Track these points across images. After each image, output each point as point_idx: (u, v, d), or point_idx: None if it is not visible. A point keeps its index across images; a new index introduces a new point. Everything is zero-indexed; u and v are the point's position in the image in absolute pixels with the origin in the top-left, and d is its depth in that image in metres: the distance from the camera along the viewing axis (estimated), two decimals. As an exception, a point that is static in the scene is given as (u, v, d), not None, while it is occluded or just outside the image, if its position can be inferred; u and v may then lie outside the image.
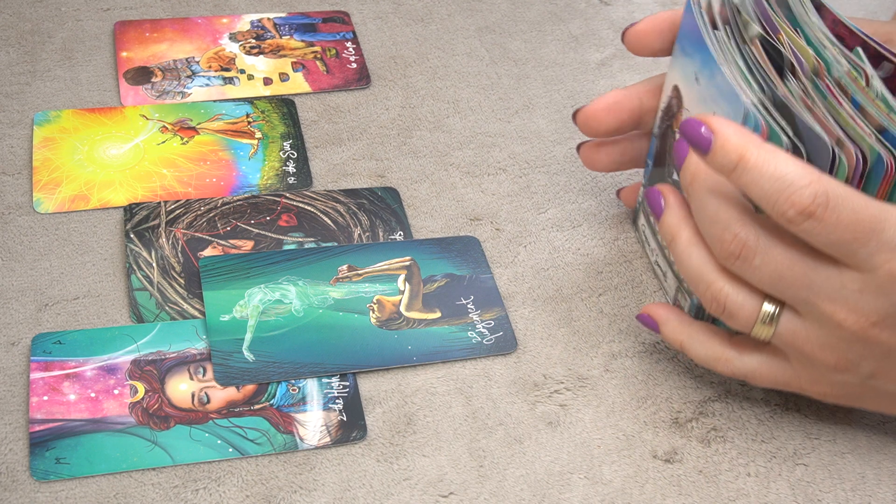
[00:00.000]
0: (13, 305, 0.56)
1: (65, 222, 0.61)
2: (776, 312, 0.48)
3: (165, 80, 0.70)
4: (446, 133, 0.69)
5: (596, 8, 0.80)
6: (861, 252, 0.44)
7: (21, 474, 0.49)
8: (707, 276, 0.49)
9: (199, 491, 0.49)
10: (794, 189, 0.43)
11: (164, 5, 0.76)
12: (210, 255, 0.59)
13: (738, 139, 0.45)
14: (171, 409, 0.52)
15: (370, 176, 0.65)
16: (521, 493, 0.50)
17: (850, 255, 0.44)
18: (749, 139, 0.45)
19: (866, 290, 0.45)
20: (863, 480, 0.52)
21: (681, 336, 0.52)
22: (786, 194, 0.44)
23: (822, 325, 0.46)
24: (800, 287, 0.46)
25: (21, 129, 0.66)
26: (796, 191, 0.43)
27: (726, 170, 0.45)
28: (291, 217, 0.62)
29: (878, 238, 0.43)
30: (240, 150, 0.66)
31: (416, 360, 0.55)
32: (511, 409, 0.54)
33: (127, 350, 0.54)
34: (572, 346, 0.57)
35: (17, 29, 0.73)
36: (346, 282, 0.58)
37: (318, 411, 0.53)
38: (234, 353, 0.54)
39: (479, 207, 0.64)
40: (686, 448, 0.53)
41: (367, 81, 0.72)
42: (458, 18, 0.78)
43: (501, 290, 0.59)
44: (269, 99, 0.70)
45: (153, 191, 0.63)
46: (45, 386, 0.52)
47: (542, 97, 0.72)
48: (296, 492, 0.50)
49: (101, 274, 0.58)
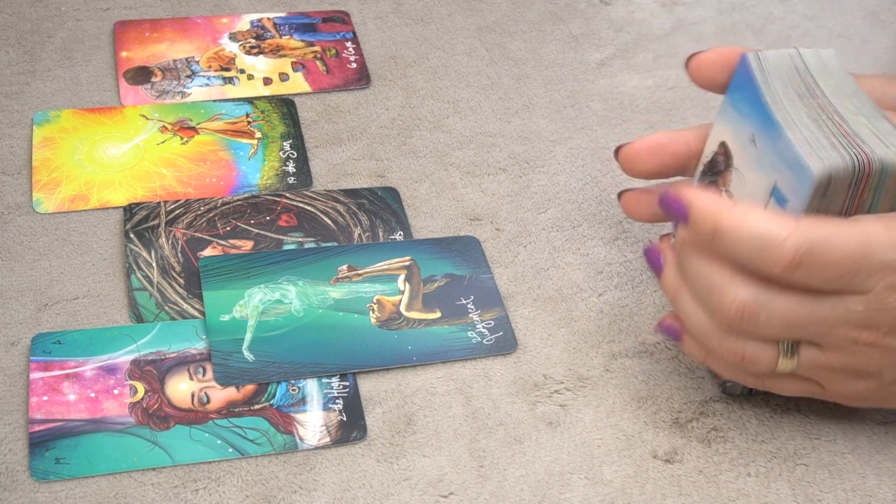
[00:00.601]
0: (13, 305, 0.56)
1: (65, 222, 0.61)
2: (794, 346, 0.48)
3: (165, 79, 0.70)
4: (446, 133, 0.69)
5: (596, 8, 0.80)
6: (856, 280, 0.44)
7: (21, 474, 0.49)
8: (716, 335, 0.48)
9: (199, 491, 0.49)
10: (774, 246, 0.44)
11: (164, 5, 0.76)
12: (210, 255, 0.59)
13: (710, 208, 0.45)
14: (171, 409, 0.52)
15: (370, 176, 0.65)
16: (521, 493, 0.50)
17: (847, 285, 0.45)
18: (721, 206, 0.45)
19: (871, 309, 0.45)
20: (863, 480, 0.52)
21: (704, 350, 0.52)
22: (767, 253, 0.44)
23: (840, 348, 0.47)
24: (810, 325, 0.46)
25: (21, 129, 0.66)
26: (777, 247, 0.44)
27: (706, 240, 0.46)
28: (291, 217, 0.62)
29: (869, 264, 0.44)
30: (240, 150, 0.66)
31: (416, 360, 0.55)
32: (511, 409, 0.54)
33: (127, 350, 0.54)
34: (572, 346, 0.57)
35: (17, 29, 0.73)
36: (346, 282, 0.58)
37: (318, 411, 0.53)
38: (234, 353, 0.54)
39: (479, 207, 0.64)
40: (686, 448, 0.53)
41: (367, 81, 0.72)
42: (458, 18, 0.78)
43: (501, 290, 0.59)
44: (269, 99, 0.70)
45: (153, 191, 0.63)
46: (45, 386, 0.52)
47: (542, 97, 0.72)
48: (296, 492, 0.50)
49: (101, 274, 0.58)
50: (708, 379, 0.56)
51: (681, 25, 0.79)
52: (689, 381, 0.56)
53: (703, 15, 0.80)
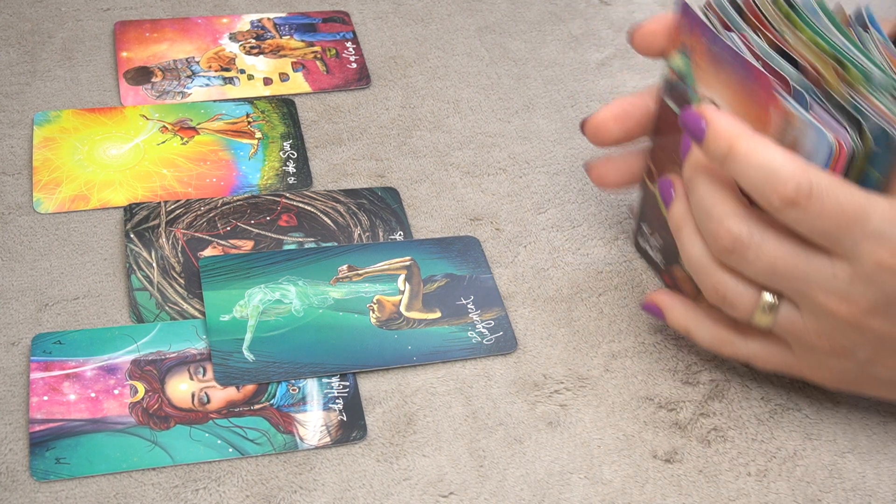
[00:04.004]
0: (13, 305, 0.56)
1: (65, 222, 0.61)
2: (775, 302, 0.48)
3: (165, 80, 0.70)
4: (446, 133, 0.69)
5: (596, 8, 0.80)
6: (846, 241, 0.45)
7: (21, 474, 0.49)
8: (707, 267, 0.50)
9: (199, 491, 0.49)
10: (779, 178, 0.45)
11: (164, 5, 0.76)
12: (210, 255, 0.59)
13: (729, 129, 0.46)
14: (171, 409, 0.52)
15: (370, 176, 0.65)
16: (521, 493, 0.50)
17: (836, 243, 0.45)
18: (740, 130, 0.46)
19: (856, 280, 0.45)
20: (863, 480, 0.52)
21: (686, 321, 0.53)
22: (771, 184, 0.45)
23: (818, 315, 0.47)
24: (794, 279, 0.47)
25: (21, 129, 0.66)
26: (781, 180, 0.45)
27: (718, 159, 0.47)
28: (291, 217, 0.62)
29: (863, 227, 0.44)
30: (240, 150, 0.66)
31: (416, 360, 0.55)
32: (511, 409, 0.54)
33: (127, 350, 0.54)
34: (572, 346, 0.57)
35: (17, 29, 0.73)
36: (346, 282, 0.58)
37: (318, 411, 0.53)
38: (234, 353, 0.54)
39: (479, 207, 0.64)
40: (686, 448, 0.53)
41: (367, 81, 0.72)
42: (458, 18, 0.78)
43: (501, 290, 0.59)
44: (269, 99, 0.70)
45: (153, 191, 0.63)
46: (45, 386, 0.52)
47: (542, 97, 0.72)
48: (296, 492, 0.50)
49: (101, 274, 0.58)
50: (708, 378, 0.56)
51: (681, 25, 0.79)
52: (689, 380, 0.56)
53: (703, 15, 0.80)
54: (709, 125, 0.47)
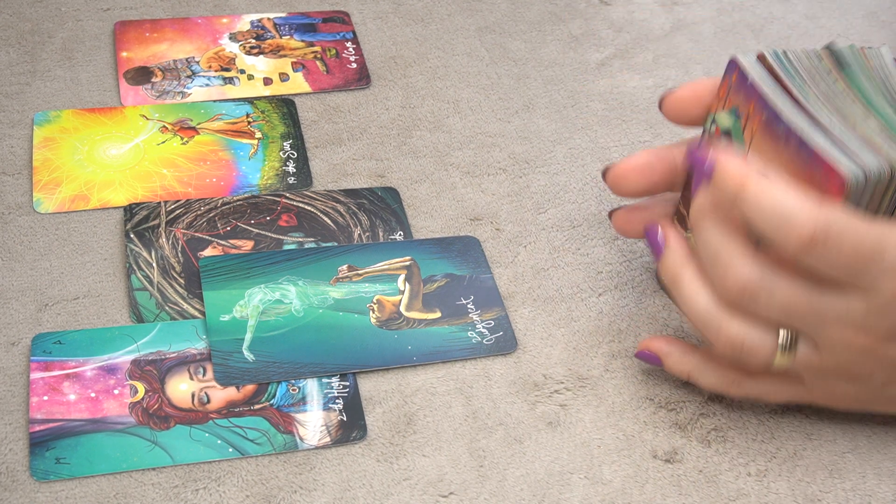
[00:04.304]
0: (13, 305, 0.56)
1: (65, 222, 0.61)
2: (792, 341, 0.47)
3: (165, 80, 0.70)
4: (446, 133, 0.69)
5: (596, 8, 0.80)
6: (864, 276, 0.44)
7: (21, 474, 0.49)
8: (717, 319, 0.48)
9: (199, 491, 0.49)
10: (795, 222, 0.44)
11: (164, 5, 0.76)
12: (210, 255, 0.59)
13: (738, 170, 0.45)
14: (171, 409, 0.52)
15: (370, 176, 0.65)
16: (521, 493, 0.50)
17: (854, 278, 0.44)
18: (749, 171, 0.45)
19: (871, 311, 0.45)
20: (863, 480, 0.52)
21: (687, 366, 0.52)
22: (786, 227, 0.44)
23: (834, 348, 0.47)
24: (807, 315, 0.46)
25: (21, 129, 0.66)
26: (798, 224, 0.44)
27: (728, 200, 0.46)
28: (291, 217, 0.62)
29: (880, 262, 0.44)
30: (240, 150, 0.66)
31: (416, 360, 0.55)
32: (511, 409, 0.54)
33: (127, 350, 0.54)
34: (572, 346, 0.57)
35: (17, 29, 0.73)
36: (346, 282, 0.58)
37: (318, 411, 0.53)
38: (234, 353, 0.54)
39: (479, 207, 0.64)
40: (686, 448, 0.53)
41: (367, 81, 0.72)
42: (458, 18, 0.78)
43: (501, 290, 0.59)
44: (269, 99, 0.70)
45: (153, 191, 0.63)
46: (45, 386, 0.52)
47: (542, 97, 0.72)
48: (296, 492, 0.50)
49: (101, 274, 0.58)
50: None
51: (681, 26, 0.79)
52: (689, 381, 0.56)
53: (703, 15, 0.80)
54: (717, 165, 0.46)
